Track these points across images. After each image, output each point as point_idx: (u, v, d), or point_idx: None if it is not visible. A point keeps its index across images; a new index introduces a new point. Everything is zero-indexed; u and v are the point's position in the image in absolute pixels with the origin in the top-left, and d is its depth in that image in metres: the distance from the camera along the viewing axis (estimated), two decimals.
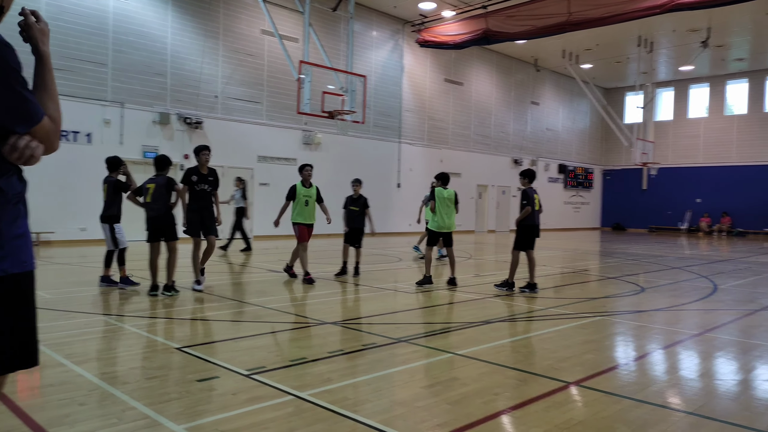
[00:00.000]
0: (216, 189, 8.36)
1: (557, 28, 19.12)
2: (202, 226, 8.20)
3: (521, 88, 29.99)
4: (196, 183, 8.14)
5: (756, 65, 29.36)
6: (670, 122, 33.40)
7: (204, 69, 17.93)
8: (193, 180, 8.15)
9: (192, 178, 8.16)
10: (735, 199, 30.72)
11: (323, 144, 21.12)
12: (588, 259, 15.49)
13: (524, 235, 8.88)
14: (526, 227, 8.85)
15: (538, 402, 3.85)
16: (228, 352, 5.02)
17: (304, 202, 9.32)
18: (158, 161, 8.07)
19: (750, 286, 10.22)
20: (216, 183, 8.36)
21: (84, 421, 3.36)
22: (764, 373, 4.75)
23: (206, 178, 8.24)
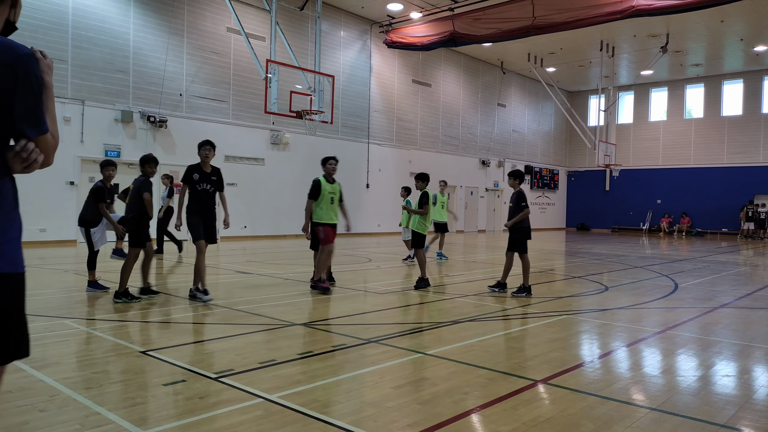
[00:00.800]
0: (221, 189, 7.72)
1: (522, 31, 19.44)
2: (205, 229, 7.53)
3: (488, 90, 30.35)
4: (197, 182, 7.44)
5: (711, 71, 30.39)
6: (631, 125, 34.27)
7: (168, 66, 17.59)
8: (195, 179, 7.44)
9: (193, 176, 7.44)
10: (693, 200, 31.73)
11: (291, 144, 20.97)
12: (554, 258, 15.76)
13: (521, 237, 8.57)
14: (523, 229, 8.56)
15: (507, 400, 3.89)
16: (195, 354, 4.93)
17: (329, 199, 8.42)
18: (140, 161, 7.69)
19: (709, 284, 10.56)
20: (220, 183, 7.70)
21: (44, 428, 3.25)
22: (723, 369, 4.91)
23: (209, 177, 7.54)
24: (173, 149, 17.67)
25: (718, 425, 3.53)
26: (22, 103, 1.83)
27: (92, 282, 8.10)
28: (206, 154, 7.50)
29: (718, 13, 21.02)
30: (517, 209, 8.50)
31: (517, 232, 8.58)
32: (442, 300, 8.08)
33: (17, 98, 1.82)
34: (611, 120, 31.20)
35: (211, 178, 7.55)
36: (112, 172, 8.03)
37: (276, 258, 13.78)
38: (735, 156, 30.72)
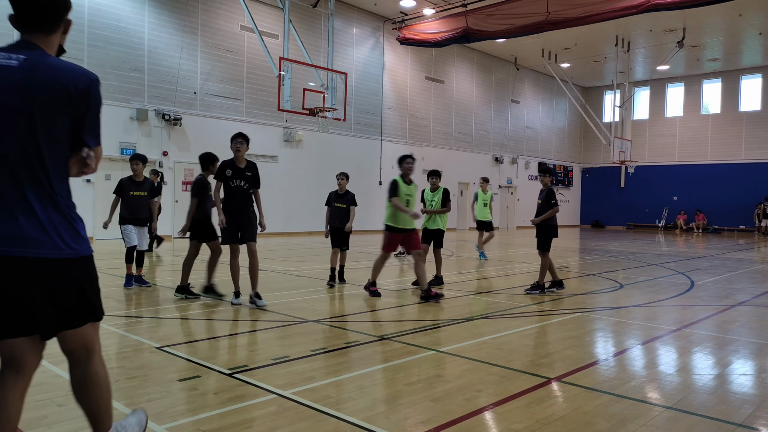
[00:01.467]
0: (257, 186, 7.11)
1: (536, 27, 19.29)
2: (237, 230, 6.94)
3: (501, 87, 30.19)
4: (230, 178, 6.90)
5: (729, 65, 29.95)
6: (647, 121, 33.91)
7: (182, 65, 17.71)
8: (228, 175, 6.91)
9: (226, 172, 6.93)
10: (710, 196, 31.33)
11: (304, 141, 21.02)
12: (568, 256, 15.66)
13: (547, 235, 8.47)
14: (551, 227, 8.46)
15: (520, 398, 3.88)
16: (209, 350, 4.97)
17: (405, 202, 7.79)
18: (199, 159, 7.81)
19: (725, 282, 10.43)
20: (255, 179, 7.07)
21: (62, 422, 3.30)
22: (740, 367, 4.85)
23: (243, 173, 6.94)
24: (188, 147, 17.80)
25: (735, 424, 3.49)
26: (90, 119, 2.24)
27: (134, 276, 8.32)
28: (237, 148, 6.93)
29: (736, 7, 20.68)
30: (547, 206, 8.43)
31: (544, 230, 8.50)
32: (456, 297, 8.06)
33: (88, 115, 2.23)
34: (626, 116, 30.91)
35: (245, 174, 6.96)
36: (135, 166, 8.26)
37: (289, 255, 13.84)
38: (753, 152, 30.27)
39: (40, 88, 2.12)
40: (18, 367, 2.29)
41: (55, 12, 2.23)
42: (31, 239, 2.16)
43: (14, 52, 2.15)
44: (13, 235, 2.15)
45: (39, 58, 2.16)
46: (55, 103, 2.14)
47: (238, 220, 6.91)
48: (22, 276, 2.17)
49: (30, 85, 2.11)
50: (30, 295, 2.19)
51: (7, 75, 2.10)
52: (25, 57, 2.14)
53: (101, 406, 2.49)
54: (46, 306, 2.22)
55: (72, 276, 2.27)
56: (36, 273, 2.18)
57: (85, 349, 2.41)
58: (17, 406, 2.28)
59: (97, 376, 2.45)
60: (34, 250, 2.17)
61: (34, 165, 2.16)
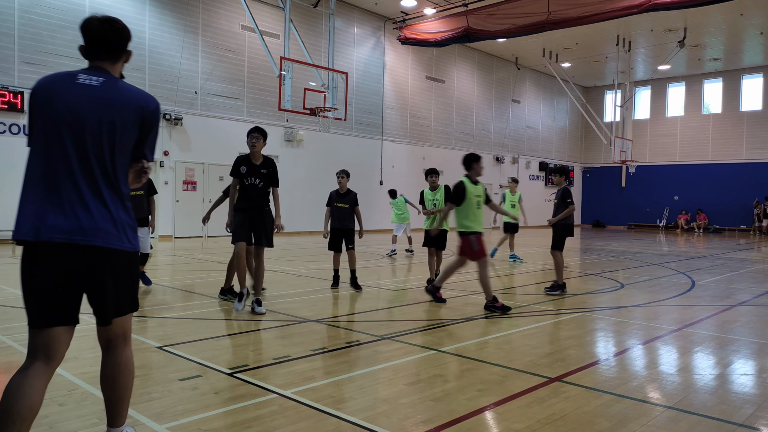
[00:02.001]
0: (274, 184, 6.60)
1: (537, 26, 19.28)
2: (250, 231, 6.50)
3: (502, 86, 30.18)
4: (245, 176, 6.46)
5: (730, 65, 29.93)
6: (648, 121, 33.89)
7: (183, 64, 17.72)
8: (242, 172, 6.46)
9: (240, 169, 6.47)
10: (711, 196, 31.31)
11: (305, 141, 21.03)
12: (568, 255, 15.64)
13: (562, 234, 8.49)
14: (566, 226, 8.47)
15: (521, 398, 3.88)
16: (210, 350, 4.97)
17: (476, 204, 7.32)
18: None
19: (726, 282, 10.42)
20: (272, 177, 6.55)
21: (63, 421, 3.30)
22: (741, 367, 4.84)
23: (258, 170, 6.46)
24: (188, 147, 17.82)
25: (736, 424, 3.49)
26: (153, 136, 2.65)
27: None
28: (252, 143, 6.44)
29: (737, 7, 20.67)
30: (562, 206, 8.41)
31: (559, 229, 8.51)
32: (456, 297, 8.06)
33: (152, 133, 2.63)
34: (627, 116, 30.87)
35: (260, 171, 6.46)
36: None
37: (289, 255, 13.84)
38: (754, 152, 30.24)
39: (120, 105, 2.50)
40: (49, 357, 2.47)
41: (119, 45, 2.61)
42: (108, 232, 2.47)
43: (93, 75, 2.52)
44: (92, 227, 2.43)
45: (113, 81, 2.56)
46: (130, 119, 2.52)
47: (251, 220, 6.47)
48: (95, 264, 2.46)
49: (111, 101, 2.49)
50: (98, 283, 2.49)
51: (91, 92, 2.48)
52: (104, 80, 2.53)
53: (127, 394, 2.74)
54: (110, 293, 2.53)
55: (129, 268, 2.61)
56: (108, 262, 2.49)
57: (124, 336, 2.71)
58: (41, 394, 2.42)
59: (130, 361, 2.73)
60: (111, 242, 2.48)
61: (108, 169, 2.49)
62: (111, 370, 2.69)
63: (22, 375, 2.41)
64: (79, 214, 2.41)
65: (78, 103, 2.44)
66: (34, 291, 2.43)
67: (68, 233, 2.39)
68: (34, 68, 15.08)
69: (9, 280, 8.88)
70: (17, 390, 2.36)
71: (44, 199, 2.41)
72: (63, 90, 2.46)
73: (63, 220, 2.39)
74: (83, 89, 2.46)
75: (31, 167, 2.47)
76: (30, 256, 2.43)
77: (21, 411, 2.33)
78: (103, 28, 2.54)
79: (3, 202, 14.77)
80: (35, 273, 2.42)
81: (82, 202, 2.42)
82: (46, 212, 2.39)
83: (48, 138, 2.44)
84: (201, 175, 18.24)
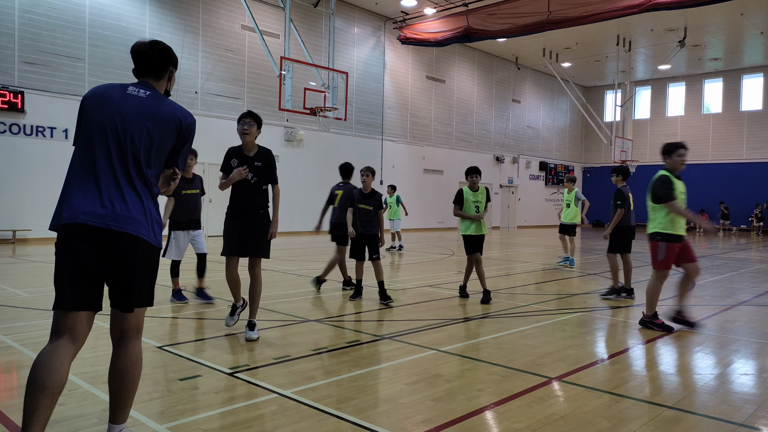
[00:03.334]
0: (272, 181, 5.38)
1: (537, 26, 19.29)
2: (242, 239, 5.32)
3: (502, 86, 30.18)
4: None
5: (730, 65, 29.93)
6: (648, 120, 33.88)
7: (183, 64, 17.72)
8: (233, 165, 5.34)
9: (231, 162, 5.36)
10: (711, 196, 31.28)
11: (305, 141, 21.02)
12: None
13: (619, 237, 8.19)
14: (621, 228, 8.18)
15: (521, 397, 3.88)
16: (210, 350, 4.97)
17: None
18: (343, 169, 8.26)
19: (727, 281, 10.42)
20: (269, 171, 5.35)
21: (63, 421, 3.30)
22: (741, 367, 4.84)
23: (251, 163, 5.30)
24: None
25: (736, 424, 3.49)
26: (186, 148, 2.96)
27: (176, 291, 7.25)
28: (244, 129, 5.33)
29: (738, 6, 20.67)
30: (613, 208, 8.14)
31: (619, 232, 8.19)
32: (455, 297, 8.06)
33: (186, 145, 2.94)
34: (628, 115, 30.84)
35: (254, 164, 5.30)
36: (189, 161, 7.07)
37: (290, 254, 13.84)
38: (754, 152, 30.24)
39: (161, 116, 2.81)
40: (75, 337, 2.64)
41: (163, 65, 2.95)
42: (139, 222, 2.70)
43: (141, 88, 2.86)
44: (126, 216, 2.67)
45: (158, 96, 2.90)
46: (168, 130, 2.82)
47: (241, 227, 5.30)
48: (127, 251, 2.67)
49: (154, 112, 2.80)
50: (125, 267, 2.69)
51: (138, 103, 2.79)
52: (150, 93, 2.86)
53: (135, 388, 2.84)
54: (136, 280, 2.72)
55: (152, 261, 2.81)
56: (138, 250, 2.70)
57: (137, 329, 2.86)
58: (67, 371, 2.58)
59: (140, 355, 2.85)
60: (140, 232, 2.70)
61: (144, 170, 2.76)
62: (123, 363, 2.79)
63: (51, 351, 2.55)
64: (114, 203, 2.66)
65: (126, 110, 2.76)
66: (66, 272, 2.62)
67: (103, 218, 2.62)
68: (34, 68, 15.08)
69: (9, 280, 8.88)
70: (48, 364, 2.51)
71: (85, 190, 2.66)
72: (114, 97, 2.78)
73: (100, 208, 2.63)
74: (132, 99, 2.80)
75: (75, 163, 2.73)
76: (66, 238, 2.62)
77: (52, 385, 2.48)
78: (150, 48, 2.90)
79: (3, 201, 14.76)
80: (70, 254, 2.61)
81: (119, 194, 2.68)
82: (86, 201, 2.64)
83: (94, 138, 2.72)
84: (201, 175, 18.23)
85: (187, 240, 7.22)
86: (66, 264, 2.62)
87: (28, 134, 14.98)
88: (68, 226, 2.61)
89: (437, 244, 18.14)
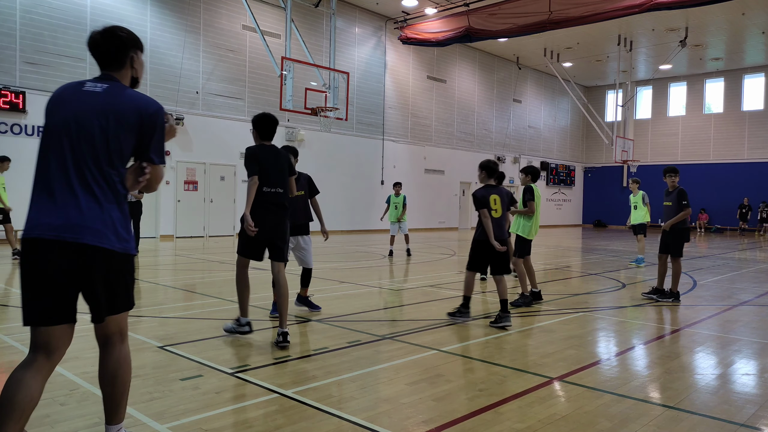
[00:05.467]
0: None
1: (538, 26, 19.28)
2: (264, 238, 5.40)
3: (503, 86, 30.16)
4: None
5: (732, 65, 29.89)
6: (649, 120, 33.85)
7: (184, 64, 17.73)
8: None
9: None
10: (713, 196, 31.25)
11: (306, 141, 21.02)
12: (570, 255, 15.64)
13: (683, 240, 7.91)
14: (685, 230, 7.89)
15: (522, 397, 3.87)
16: (211, 350, 4.97)
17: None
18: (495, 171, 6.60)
19: (728, 281, 10.41)
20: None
21: (64, 421, 3.31)
22: (743, 367, 4.84)
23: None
24: (190, 147, 17.82)
25: (738, 424, 3.49)
26: (157, 140, 2.70)
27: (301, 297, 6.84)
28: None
29: (739, 6, 20.65)
30: (678, 208, 7.86)
31: (677, 234, 7.91)
32: (457, 297, 8.06)
33: (155, 136, 2.69)
34: (629, 115, 30.81)
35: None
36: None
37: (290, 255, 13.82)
38: (756, 151, 30.20)
39: (120, 110, 2.60)
40: (50, 352, 2.55)
41: (116, 53, 2.73)
42: (97, 231, 2.53)
43: (99, 83, 2.68)
44: (81, 225, 2.50)
45: (118, 88, 2.68)
46: (128, 123, 2.61)
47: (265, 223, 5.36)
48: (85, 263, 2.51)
49: (112, 107, 2.60)
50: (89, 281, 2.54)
51: (93, 99, 2.61)
52: (108, 86, 2.66)
53: (126, 390, 2.79)
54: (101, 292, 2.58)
55: (120, 268, 2.63)
56: (97, 261, 2.53)
57: (120, 333, 2.76)
58: (41, 389, 2.50)
59: (128, 357, 2.79)
60: (100, 241, 2.53)
61: (105, 171, 2.58)
62: (110, 366, 2.74)
63: (24, 368, 2.49)
64: (69, 213, 2.50)
65: (81, 109, 2.59)
66: (28, 288, 2.51)
67: (57, 230, 2.48)
68: (36, 68, 15.10)
69: (10, 280, 8.89)
70: (19, 382, 2.44)
71: (40, 201, 2.54)
72: (69, 98, 2.63)
73: (55, 218, 2.49)
74: (87, 96, 2.62)
75: (36, 172, 2.61)
76: (26, 253, 2.52)
77: (22, 402, 2.40)
78: (102, 38, 2.70)
79: None
80: (28, 270, 2.50)
81: (74, 202, 2.51)
82: (40, 213, 2.52)
83: (50, 145, 2.58)
84: (202, 175, 18.24)
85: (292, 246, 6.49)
86: (28, 279, 2.50)
87: (29, 134, 14.99)
88: (27, 240, 2.51)
89: (438, 244, 18.13)
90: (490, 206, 6.34)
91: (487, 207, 6.33)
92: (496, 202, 6.38)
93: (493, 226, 6.31)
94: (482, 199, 6.34)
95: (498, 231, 6.35)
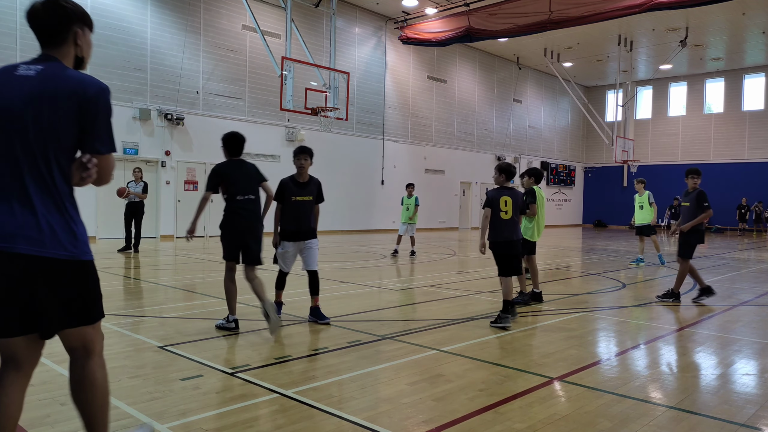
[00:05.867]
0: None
1: (538, 26, 19.28)
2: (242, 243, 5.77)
3: (504, 86, 30.16)
4: None
5: (732, 65, 29.88)
6: (650, 120, 33.85)
7: (185, 64, 17.74)
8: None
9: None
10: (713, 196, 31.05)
11: (306, 141, 21.01)
12: (570, 255, 15.64)
13: (695, 241, 7.85)
14: (700, 232, 7.85)
15: (522, 397, 3.88)
16: (211, 350, 4.97)
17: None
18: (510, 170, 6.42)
19: (728, 281, 10.41)
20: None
21: (65, 421, 3.30)
22: (743, 367, 4.84)
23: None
24: (190, 147, 17.83)
25: (738, 424, 3.49)
26: (100, 126, 2.31)
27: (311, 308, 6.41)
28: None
29: (739, 6, 20.65)
30: (698, 210, 7.79)
31: (691, 235, 7.84)
32: (457, 297, 8.06)
33: (97, 122, 2.30)
34: (629, 115, 30.79)
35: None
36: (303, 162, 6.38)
37: None
38: (756, 151, 30.19)
39: (54, 94, 2.24)
40: (18, 365, 2.34)
41: (56, 26, 2.35)
42: (31, 238, 2.23)
43: (34, 64, 2.31)
44: (14, 233, 2.22)
45: (55, 69, 2.30)
46: (64, 109, 2.24)
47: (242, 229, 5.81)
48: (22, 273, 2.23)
49: (42, 92, 2.23)
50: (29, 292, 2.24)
51: (24, 84, 2.25)
52: (42, 68, 2.29)
53: (95, 410, 2.48)
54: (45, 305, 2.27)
55: (67, 277, 2.30)
56: (35, 271, 2.24)
57: (84, 349, 2.43)
58: (18, 403, 2.33)
59: (93, 377, 2.46)
60: (35, 249, 2.23)
61: (41, 168, 2.25)
62: (74, 384, 2.46)
63: None
64: (3, 220, 2.23)
65: (11, 96, 2.24)
66: None
67: None
68: None
69: None
70: None
71: None
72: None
73: None
74: (18, 82, 2.26)
75: None
76: None
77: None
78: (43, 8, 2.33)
79: None
80: None
81: (7, 207, 2.23)
82: None
83: None
84: (202, 175, 18.23)
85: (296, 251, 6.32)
86: None
87: None
88: None
89: (439, 244, 18.14)
90: (498, 207, 6.30)
91: (492, 207, 6.31)
92: (507, 204, 6.31)
93: (505, 228, 6.30)
94: (491, 200, 6.36)
95: (510, 233, 6.33)
